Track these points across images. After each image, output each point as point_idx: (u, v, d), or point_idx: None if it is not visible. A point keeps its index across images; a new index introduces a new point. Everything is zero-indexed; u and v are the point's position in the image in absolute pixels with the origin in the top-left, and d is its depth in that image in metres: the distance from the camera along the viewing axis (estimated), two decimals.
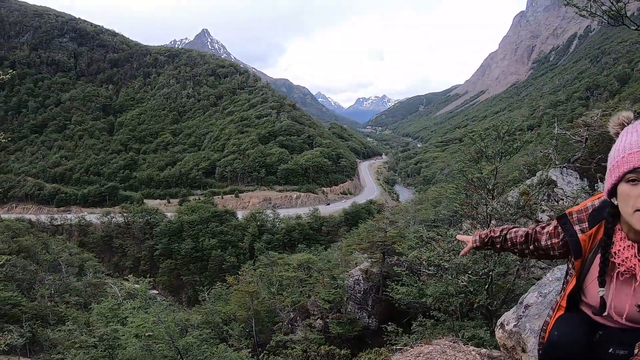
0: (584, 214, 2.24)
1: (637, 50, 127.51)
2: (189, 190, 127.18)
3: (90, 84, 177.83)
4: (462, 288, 9.93)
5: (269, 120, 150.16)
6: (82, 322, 23.96)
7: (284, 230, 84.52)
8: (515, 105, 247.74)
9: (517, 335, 3.05)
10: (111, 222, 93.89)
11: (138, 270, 70.30)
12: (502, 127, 12.16)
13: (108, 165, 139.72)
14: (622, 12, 5.43)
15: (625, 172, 1.89)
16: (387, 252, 19.94)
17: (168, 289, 76.77)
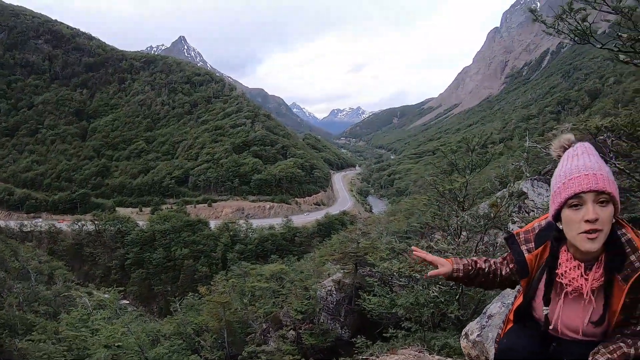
0: (530, 234, 2.33)
1: (608, 67, 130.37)
2: (161, 199, 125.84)
3: (64, 87, 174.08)
4: (433, 299, 10.05)
5: (244, 130, 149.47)
6: (51, 332, 23.64)
7: (257, 241, 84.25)
8: (488, 118, 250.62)
9: (481, 345, 3.13)
10: (82, 230, 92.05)
11: (109, 280, 69.62)
12: (473, 140, 12.36)
13: (80, 171, 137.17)
14: (587, 31, 5.61)
15: (567, 198, 2.00)
16: (359, 263, 19.99)
17: (139, 299, 75.60)
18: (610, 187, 1.97)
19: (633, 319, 2.11)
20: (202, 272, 72.72)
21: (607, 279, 2.07)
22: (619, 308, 2.08)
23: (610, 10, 5.77)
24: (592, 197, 1.96)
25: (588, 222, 1.96)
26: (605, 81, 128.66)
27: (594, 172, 1.99)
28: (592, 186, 1.96)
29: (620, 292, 2.07)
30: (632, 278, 2.03)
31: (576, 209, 1.99)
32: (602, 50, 6.10)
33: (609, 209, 1.97)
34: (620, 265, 2.05)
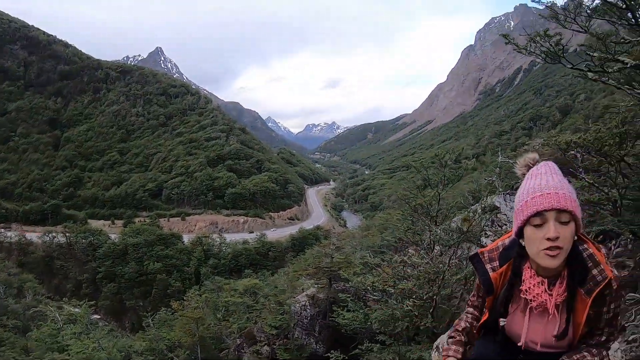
0: (494, 253, 2.37)
1: (579, 84, 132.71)
2: (134, 212, 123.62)
3: (38, 95, 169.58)
4: (408, 312, 10.09)
5: (218, 144, 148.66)
6: (20, 347, 23.21)
7: (231, 255, 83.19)
8: (462, 134, 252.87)
9: None
10: (53, 242, 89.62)
11: (80, 294, 67.75)
12: (445, 156, 12.51)
13: (52, 181, 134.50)
14: (559, 52, 5.77)
15: (529, 216, 2.04)
16: (333, 278, 19.99)
17: (111, 313, 73.77)
18: (571, 205, 2.02)
19: (597, 331, 2.20)
20: (175, 287, 71.57)
21: (570, 294, 2.14)
22: (583, 320, 2.15)
23: (580, 30, 5.93)
24: (553, 216, 2.00)
25: (549, 240, 1.99)
26: (576, 98, 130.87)
27: (555, 190, 2.04)
28: (553, 204, 2.00)
29: (583, 306, 2.13)
30: (595, 292, 2.10)
31: (538, 227, 2.03)
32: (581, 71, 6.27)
33: (570, 227, 2.02)
34: (582, 279, 2.13)
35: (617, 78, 6.86)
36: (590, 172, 9.53)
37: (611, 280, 2.11)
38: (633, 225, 7.51)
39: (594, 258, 2.15)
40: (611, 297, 2.13)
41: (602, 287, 2.10)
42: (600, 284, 2.10)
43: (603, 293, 2.11)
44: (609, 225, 8.02)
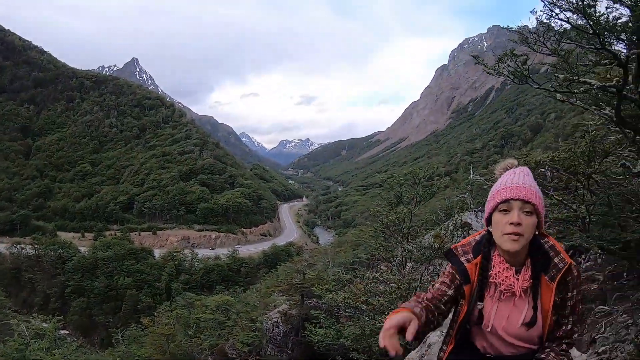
0: (467, 247, 2.54)
1: (549, 103, 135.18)
2: (105, 225, 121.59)
3: (11, 101, 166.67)
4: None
5: (192, 158, 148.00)
6: None
7: (202, 271, 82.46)
8: (434, 152, 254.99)
9: None
10: (21, 254, 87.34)
11: (48, 308, 66.65)
12: (419, 174, 12.64)
13: (22, 191, 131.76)
14: (526, 73, 5.93)
15: (498, 203, 2.30)
16: (306, 295, 19.98)
17: (80, 329, 71.95)
18: (535, 200, 2.27)
19: (563, 319, 2.37)
20: (145, 303, 70.38)
21: (535, 280, 2.33)
22: (550, 307, 2.32)
23: (550, 53, 6.10)
24: (518, 205, 2.25)
25: (512, 225, 2.23)
26: (547, 117, 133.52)
27: (524, 186, 2.29)
28: (519, 195, 2.26)
29: (549, 292, 2.32)
30: (558, 277, 2.30)
31: (504, 213, 2.29)
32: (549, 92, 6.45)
33: (532, 218, 2.26)
34: (546, 267, 2.33)
35: (584, 99, 7.06)
36: (559, 190, 9.73)
37: (571, 266, 2.33)
38: (601, 241, 7.69)
39: (555, 248, 2.37)
40: (573, 283, 2.35)
41: (564, 272, 2.31)
42: (562, 270, 2.31)
43: (566, 279, 2.32)
44: (577, 240, 8.20)
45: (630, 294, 8.06)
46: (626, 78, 5.46)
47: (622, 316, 7.41)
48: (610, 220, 8.12)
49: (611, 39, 5.38)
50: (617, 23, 5.23)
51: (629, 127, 6.42)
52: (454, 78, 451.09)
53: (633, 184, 5.70)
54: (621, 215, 8.10)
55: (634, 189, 6.13)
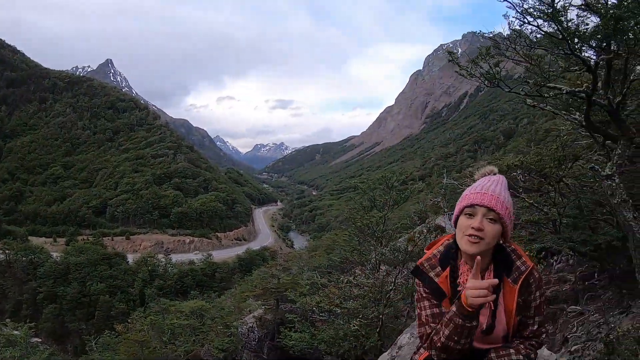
0: (433, 260, 2.55)
1: (522, 109, 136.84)
2: (77, 229, 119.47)
3: None
4: (354, 332, 10.17)
5: (166, 161, 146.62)
6: None
7: (177, 276, 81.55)
8: (408, 156, 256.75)
9: None
10: None
11: (19, 315, 65.47)
12: (392, 178, 12.72)
13: None
14: (497, 76, 6.03)
15: (464, 207, 2.34)
16: (281, 299, 19.97)
17: (52, 336, 70.40)
18: (500, 209, 2.30)
19: (529, 319, 2.43)
20: (119, 309, 68.99)
21: (497, 285, 2.28)
22: (514, 308, 2.36)
23: (521, 59, 6.21)
24: (482, 211, 2.30)
25: (473, 229, 2.27)
26: (520, 122, 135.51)
27: (492, 193, 2.34)
28: (484, 202, 2.30)
29: (512, 294, 2.36)
30: (521, 279, 2.36)
31: (469, 217, 2.33)
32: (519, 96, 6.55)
33: (495, 227, 2.29)
34: (508, 270, 2.39)
35: (554, 104, 7.19)
36: (531, 193, 9.88)
37: (533, 269, 2.39)
38: (572, 242, 7.82)
39: (516, 252, 2.45)
40: (536, 285, 2.41)
41: (526, 274, 2.37)
42: (524, 272, 2.38)
43: (528, 281, 2.38)
44: (549, 242, 8.34)
45: (601, 293, 8.22)
46: (595, 84, 5.58)
47: (594, 315, 7.55)
48: (580, 222, 8.27)
49: (581, 45, 5.49)
50: (587, 29, 5.35)
51: (598, 132, 6.55)
52: (429, 83, 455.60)
53: (602, 187, 5.81)
54: (591, 217, 8.26)
55: (603, 192, 6.25)
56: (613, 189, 5.51)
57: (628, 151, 5.79)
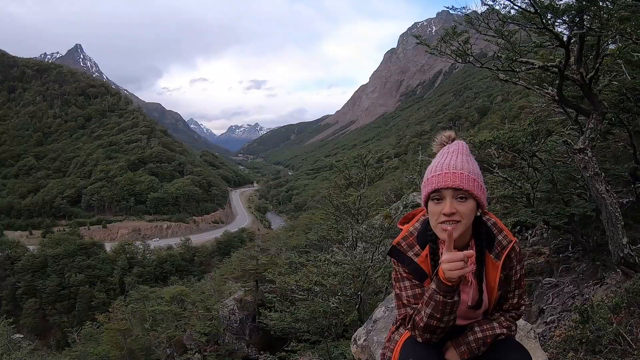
0: (411, 239, 2.40)
1: (496, 86, 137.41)
2: (53, 221, 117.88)
3: None
4: (334, 309, 10.22)
5: (139, 146, 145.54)
6: None
7: (155, 263, 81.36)
8: (384, 134, 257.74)
9: (367, 349, 3.29)
10: None
11: None
12: (367, 156, 12.74)
13: None
14: (468, 52, 6.03)
15: (429, 193, 2.18)
16: (260, 280, 20.00)
17: (34, 331, 68.77)
18: (467, 185, 2.14)
19: (509, 294, 2.39)
20: (99, 299, 68.71)
21: (480, 262, 2.27)
22: (496, 284, 2.30)
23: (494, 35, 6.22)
24: (450, 193, 2.13)
25: (445, 215, 2.12)
26: (494, 99, 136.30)
27: (454, 170, 2.15)
28: (449, 183, 2.12)
29: (495, 270, 2.29)
30: (504, 254, 2.27)
31: (437, 202, 2.16)
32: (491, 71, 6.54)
33: (468, 203, 2.14)
34: (490, 245, 2.30)
35: (527, 79, 7.23)
36: (505, 168, 9.97)
37: (514, 243, 2.31)
38: (546, 215, 7.90)
39: (497, 226, 2.34)
40: (517, 259, 2.33)
41: (509, 249, 2.29)
42: (506, 247, 2.29)
43: (510, 256, 2.30)
44: (523, 216, 8.42)
45: (575, 265, 8.36)
46: (568, 59, 5.60)
47: (569, 287, 7.68)
48: (554, 196, 8.37)
49: (554, 20, 5.50)
50: (560, 4, 5.35)
51: (571, 107, 6.60)
52: (403, 62, 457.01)
53: (575, 161, 5.85)
54: (565, 191, 8.37)
55: (576, 166, 6.31)
56: (586, 162, 5.56)
57: (600, 125, 5.83)
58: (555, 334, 4.44)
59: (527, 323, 3.40)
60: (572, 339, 3.72)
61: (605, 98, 6.78)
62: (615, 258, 5.73)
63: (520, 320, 3.33)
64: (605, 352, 3.38)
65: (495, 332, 2.34)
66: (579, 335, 3.65)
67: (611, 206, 5.51)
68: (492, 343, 2.35)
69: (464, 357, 2.35)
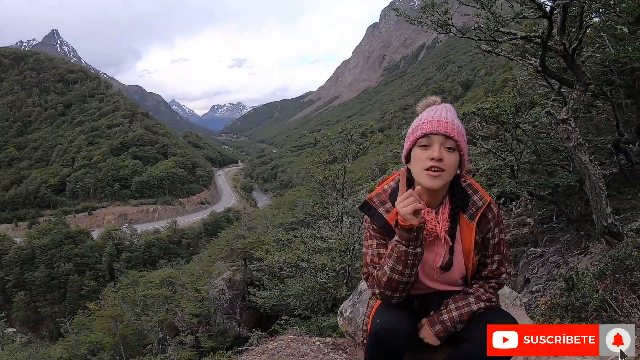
0: (384, 196, 2.38)
1: (479, 60, 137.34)
2: (38, 211, 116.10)
3: None
4: (323, 285, 10.29)
5: (121, 130, 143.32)
6: None
7: (143, 247, 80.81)
8: (367, 109, 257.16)
9: (354, 321, 3.32)
10: None
11: None
12: (351, 131, 12.74)
13: None
14: (448, 22, 6.03)
15: (418, 137, 2.17)
16: (248, 259, 20.08)
17: (27, 324, 68.63)
18: (457, 136, 2.16)
19: (488, 259, 2.35)
20: (89, 287, 67.99)
21: (454, 221, 2.27)
22: (471, 247, 2.27)
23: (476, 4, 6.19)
24: (439, 140, 2.13)
25: (432, 160, 2.11)
26: (477, 73, 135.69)
27: (445, 120, 2.17)
28: (441, 130, 2.13)
29: (469, 232, 2.26)
30: (478, 215, 2.25)
31: (425, 148, 2.15)
32: (473, 41, 6.53)
33: (454, 155, 2.15)
34: (464, 205, 2.27)
35: (510, 51, 7.24)
36: (489, 140, 10.01)
37: (490, 203, 2.29)
38: (529, 186, 7.97)
39: (472, 187, 2.32)
40: (495, 221, 2.30)
41: (483, 210, 2.26)
42: (481, 208, 2.26)
43: (486, 217, 2.28)
44: (507, 187, 8.49)
45: (559, 236, 8.46)
46: (551, 29, 5.60)
47: (553, 257, 7.78)
48: (538, 167, 8.44)
49: None
50: None
51: (554, 77, 6.62)
52: (386, 36, 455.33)
53: (558, 132, 5.87)
54: (548, 163, 8.43)
55: (559, 137, 6.34)
56: (569, 133, 5.59)
57: (583, 96, 5.85)
58: (541, 302, 4.49)
59: (513, 291, 3.43)
60: (558, 306, 3.77)
61: (589, 70, 6.81)
62: (599, 228, 5.80)
63: (505, 288, 3.32)
64: (592, 318, 3.43)
65: (472, 308, 2.30)
66: (565, 302, 3.70)
67: (594, 176, 5.55)
68: (474, 316, 2.30)
69: (439, 335, 2.33)
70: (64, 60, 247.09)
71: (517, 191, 8.67)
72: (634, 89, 7.89)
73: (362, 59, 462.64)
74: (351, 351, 3.88)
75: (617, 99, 8.37)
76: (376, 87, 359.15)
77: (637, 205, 7.17)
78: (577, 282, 3.86)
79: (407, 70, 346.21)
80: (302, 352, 3.94)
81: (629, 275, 3.68)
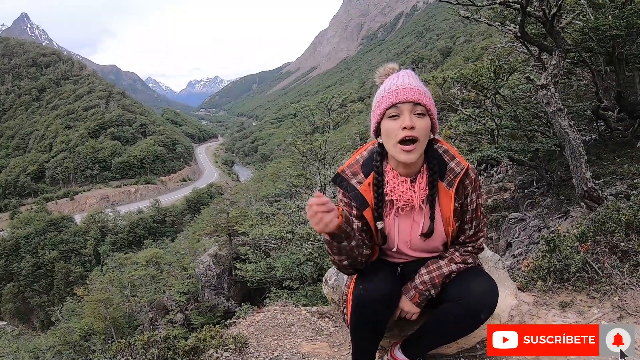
0: (355, 167, 2.36)
1: (458, 27, 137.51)
2: (19, 200, 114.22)
3: None
4: (308, 255, 10.36)
5: (98, 112, 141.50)
6: None
7: (127, 228, 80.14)
8: (346, 79, 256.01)
9: (339, 289, 3.36)
10: None
11: None
12: (331, 100, 12.73)
13: None
14: None
15: (386, 108, 2.15)
16: (232, 234, 20.14)
17: (17, 316, 69.13)
18: (425, 100, 2.13)
19: (466, 224, 2.36)
20: (76, 273, 67.45)
21: (432, 189, 2.26)
22: (451, 214, 2.28)
23: None
24: (408, 108, 2.10)
25: (405, 129, 2.08)
26: (456, 40, 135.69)
27: (410, 86, 2.13)
28: (408, 97, 2.10)
29: (448, 199, 2.26)
30: (456, 182, 2.24)
31: (394, 119, 2.12)
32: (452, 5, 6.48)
33: (425, 120, 2.12)
34: (442, 172, 2.26)
35: (489, 16, 7.24)
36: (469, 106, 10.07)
37: (468, 169, 2.28)
38: (510, 151, 8.03)
39: (449, 152, 2.30)
40: (472, 187, 2.30)
41: (461, 176, 2.25)
42: (459, 174, 2.25)
43: (464, 183, 2.28)
44: (488, 152, 8.56)
45: (540, 200, 8.60)
46: None
47: (534, 221, 7.91)
48: (518, 133, 8.52)
49: None
50: None
51: (533, 43, 6.64)
52: (363, 4, 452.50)
53: (538, 97, 5.91)
54: (528, 129, 8.52)
55: (539, 103, 6.39)
56: (549, 98, 5.63)
57: (563, 62, 5.87)
58: (523, 264, 4.57)
59: (495, 254, 3.49)
60: (540, 268, 3.83)
61: (568, 37, 6.84)
62: (579, 192, 5.89)
63: (488, 251, 3.37)
64: (573, 280, 3.50)
65: (443, 271, 2.33)
66: (547, 264, 3.76)
67: (574, 141, 5.62)
68: (450, 279, 2.33)
69: (415, 301, 2.38)
70: (36, 44, 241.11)
71: (497, 156, 8.74)
72: (613, 56, 7.95)
73: (340, 28, 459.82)
74: (337, 319, 3.95)
75: (596, 66, 8.45)
76: (355, 57, 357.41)
77: (617, 171, 7.31)
78: (559, 244, 3.92)
79: (385, 38, 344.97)
80: (289, 321, 3.99)
81: (610, 237, 3.75)
